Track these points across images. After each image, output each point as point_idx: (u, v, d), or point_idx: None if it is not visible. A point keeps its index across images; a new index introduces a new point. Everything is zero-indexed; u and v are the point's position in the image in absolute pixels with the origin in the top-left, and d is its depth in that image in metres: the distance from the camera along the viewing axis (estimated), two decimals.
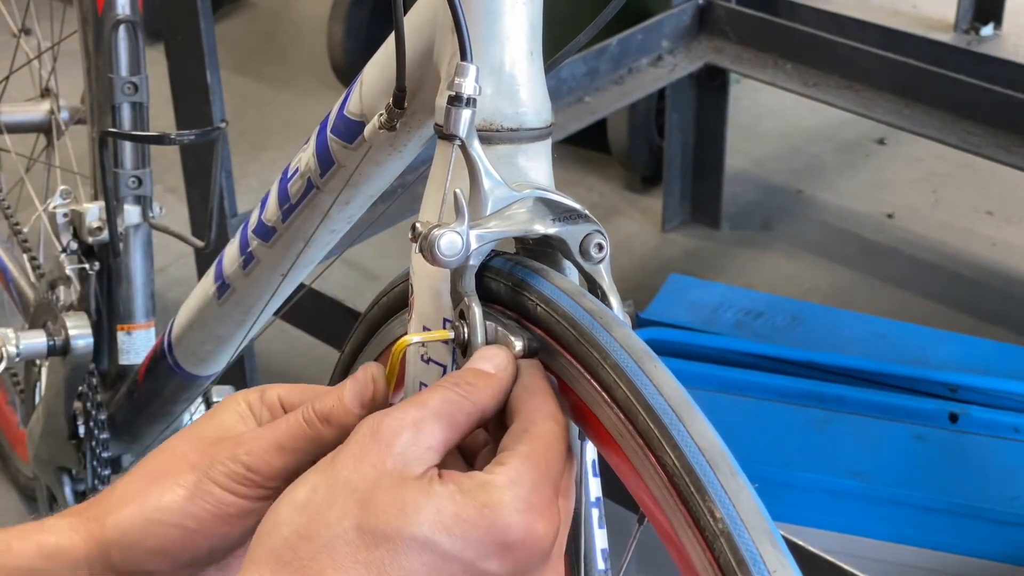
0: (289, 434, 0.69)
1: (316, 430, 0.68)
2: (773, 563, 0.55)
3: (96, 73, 1.43)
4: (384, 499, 0.59)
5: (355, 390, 0.69)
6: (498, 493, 0.59)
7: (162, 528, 0.69)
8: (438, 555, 0.58)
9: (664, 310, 2.02)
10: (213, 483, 0.68)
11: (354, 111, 0.88)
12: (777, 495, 1.69)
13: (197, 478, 0.68)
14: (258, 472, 0.68)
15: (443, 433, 0.62)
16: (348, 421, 0.68)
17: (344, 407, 0.68)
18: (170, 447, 0.71)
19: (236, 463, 0.68)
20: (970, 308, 2.46)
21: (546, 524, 0.60)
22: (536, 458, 0.61)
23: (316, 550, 0.58)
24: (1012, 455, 1.70)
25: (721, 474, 0.58)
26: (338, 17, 3.10)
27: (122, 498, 0.70)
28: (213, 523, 0.68)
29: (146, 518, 0.69)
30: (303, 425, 0.68)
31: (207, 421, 0.72)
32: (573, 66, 2.24)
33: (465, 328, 0.69)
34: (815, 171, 2.94)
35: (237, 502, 0.68)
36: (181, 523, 0.68)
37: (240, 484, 0.68)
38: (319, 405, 0.69)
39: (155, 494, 0.69)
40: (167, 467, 0.70)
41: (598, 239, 0.70)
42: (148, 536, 0.69)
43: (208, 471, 0.68)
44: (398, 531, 0.58)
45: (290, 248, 1.03)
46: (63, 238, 1.48)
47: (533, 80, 0.72)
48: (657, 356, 0.63)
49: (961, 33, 3.40)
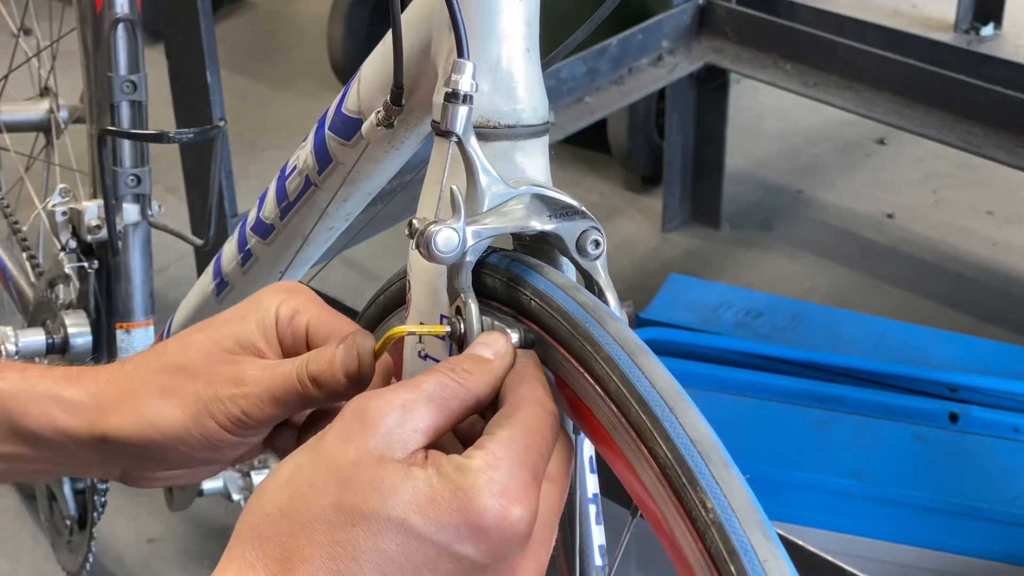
0: (283, 387, 0.72)
1: (306, 389, 0.72)
2: (764, 553, 0.55)
3: (95, 72, 1.43)
4: (363, 478, 0.59)
5: (343, 359, 0.71)
6: (473, 476, 0.59)
7: (156, 442, 0.74)
8: (412, 536, 0.58)
9: (664, 310, 2.02)
10: (211, 418, 0.73)
11: (352, 108, 0.88)
12: (777, 495, 1.69)
13: (197, 410, 0.73)
14: (252, 417, 0.72)
15: (432, 417, 0.62)
16: (335, 387, 0.71)
17: (332, 373, 0.71)
18: (189, 352, 0.75)
19: (235, 405, 0.72)
20: (970, 308, 2.46)
21: (522, 509, 0.60)
22: (516, 442, 0.61)
23: (295, 527, 0.59)
24: (1012, 455, 1.70)
25: (713, 465, 0.58)
26: (338, 17, 3.10)
27: (129, 401, 0.74)
28: (203, 449, 0.73)
29: (143, 432, 0.73)
30: (295, 382, 0.72)
31: (233, 323, 0.76)
32: (573, 66, 2.24)
33: (461, 324, 0.69)
34: (815, 171, 2.94)
35: (229, 438, 0.73)
36: (174, 445, 0.73)
37: (234, 424, 0.73)
38: (312, 366, 0.72)
39: (157, 409, 0.73)
40: (175, 383, 0.74)
41: (595, 235, 0.71)
42: (143, 445, 0.74)
43: (208, 406, 0.73)
44: (374, 511, 0.58)
45: (288, 246, 1.03)
46: (62, 236, 1.49)
47: (530, 77, 0.72)
48: (650, 349, 0.63)
49: (961, 33, 3.40)
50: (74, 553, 1.69)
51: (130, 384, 0.75)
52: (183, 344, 0.76)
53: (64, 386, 0.76)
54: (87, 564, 1.66)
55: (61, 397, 0.75)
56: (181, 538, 1.99)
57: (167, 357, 0.75)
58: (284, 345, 0.76)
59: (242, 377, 0.73)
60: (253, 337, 0.75)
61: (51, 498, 1.69)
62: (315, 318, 0.76)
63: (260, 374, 0.73)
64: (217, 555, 0.61)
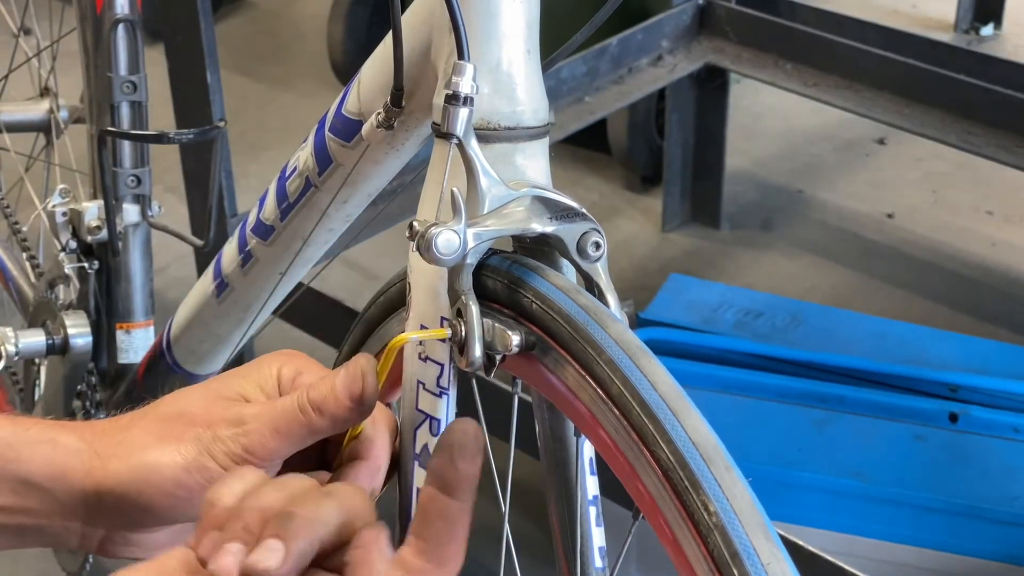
0: (285, 419, 0.70)
1: (309, 418, 0.70)
2: (767, 556, 0.55)
3: (95, 72, 1.43)
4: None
5: (346, 383, 0.70)
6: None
7: (154, 491, 0.71)
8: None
9: (664, 310, 2.02)
10: (212, 459, 0.70)
11: (352, 110, 0.88)
12: (777, 495, 1.69)
13: (197, 451, 0.71)
14: (254, 454, 0.70)
15: None
16: (339, 413, 0.70)
17: (335, 398, 0.70)
18: (186, 401, 0.73)
19: (236, 443, 0.70)
20: (970, 308, 2.46)
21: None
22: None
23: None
24: (1012, 455, 1.70)
25: (715, 468, 0.58)
26: (338, 17, 3.10)
27: (126, 448, 0.72)
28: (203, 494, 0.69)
29: (142, 478, 0.71)
30: (297, 412, 0.70)
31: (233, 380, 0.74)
32: (573, 66, 2.24)
33: (462, 326, 0.69)
34: (815, 171, 2.94)
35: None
36: (173, 491, 0.71)
37: (237, 463, 0.70)
38: (313, 393, 0.70)
39: (155, 455, 0.71)
40: (174, 428, 0.72)
41: (595, 237, 0.71)
42: (140, 494, 0.71)
43: (209, 447, 0.71)
44: None
45: (289, 247, 1.03)
46: (62, 237, 1.48)
47: (530, 79, 0.72)
48: (652, 352, 0.63)
49: (961, 33, 3.40)
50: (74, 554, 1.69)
51: (127, 435, 0.73)
52: (179, 395, 0.74)
53: (59, 432, 0.73)
54: (87, 564, 1.66)
55: (56, 441, 0.73)
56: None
57: (163, 408, 0.73)
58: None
59: (242, 416, 0.71)
60: (253, 392, 0.73)
61: None
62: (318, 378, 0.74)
63: (260, 410, 0.71)
64: None
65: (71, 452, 0.73)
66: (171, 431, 0.72)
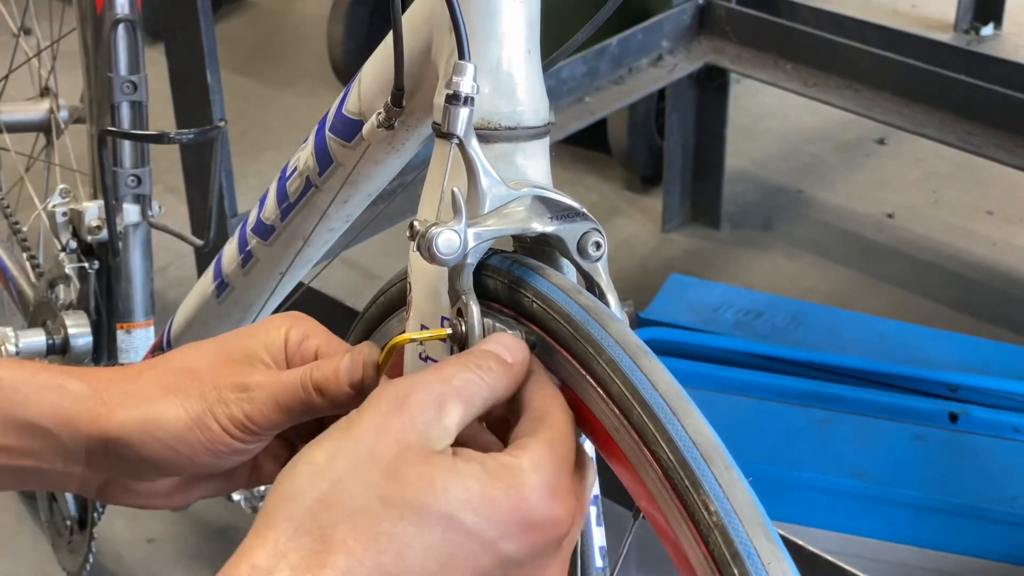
0: (287, 394, 0.72)
1: (309, 396, 0.71)
2: (767, 556, 0.55)
3: (95, 72, 1.43)
4: (411, 473, 0.59)
5: (348, 369, 0.71)
6: (524, 476, 0.60)
7: (157, 443, 0.72)
8: (462, 532, 0.59)
9: (664, 310, 2.02)
10: (214, 420, 0.72)
11: (352, 110, 0.88)
12: (777, 495, 1.69)
13: (201, 411, 0.72)
14: (254, 421, 0.72)
15: (461, 414, 0.62)
16: (338, 396, 0.71)
17: (337, 382, 0.71)
18: (196, 358, 0.75)
19: (239, 408, 0.72)
20: (970, 308, 2.46)
21: (565, 510, 0.61)
22: (556, 445, 0.62)
23: (337, 519, 0.59)
24: (1012, 455, 1.70)
25: (715, 468, 0.58)
26: (338, 17, 3.10)
27: (133, 398, 0.73)
28: (204, 453, 0.72)
29: (146, 430, 0.72)
30: (299, 389, 0.72)
31: (242, 339, 0.76)
32: (573, 66, 2.24)
33: (463, 326, 0.69)
34: (815, 171, 2.94)
35: (230, 442, 0.72)
36: (174, 445, 0.72)
37: (237, 428, 0.72)
38: (317, 374, 0.72)
39: (161, 408, 0.73)
40: (181, 383, 0.73)
41: (596, 237, 0.71)
42: (143, 445, 0.73)
43: (212, 407, 0.72)
44: (426, 506, 0.58)
45: (289, 247, 1.03)
46: (62, 237, 1.49)
47: (531, 79, 0.72)
48: (652, 352, 0.63)
49: (961, 33, 3.40)
50: (74, 553, 1.69)
51: (134, 385, 0.74)
52: (189, 350, 0.76)
53: (67, 378, 0.75)
54: (87, 564, 1.66)
55: (64, 387, 0.74)
56: (181, 538, 1.99)
57: (173, 362, 0.75)
58: (291, 367, 0.76)
59: (247, 382, 0.73)
60: (260, 354, 0.75)
61: (51, 499, 1.69)
62: (325, 343, 0.76)
63: (265, 380, 0.73)
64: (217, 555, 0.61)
65: (78, 398, 0.74)
66: (178, 385, 0.73)
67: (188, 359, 0.75)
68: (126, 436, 0.73)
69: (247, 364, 0.74)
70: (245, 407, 0.72)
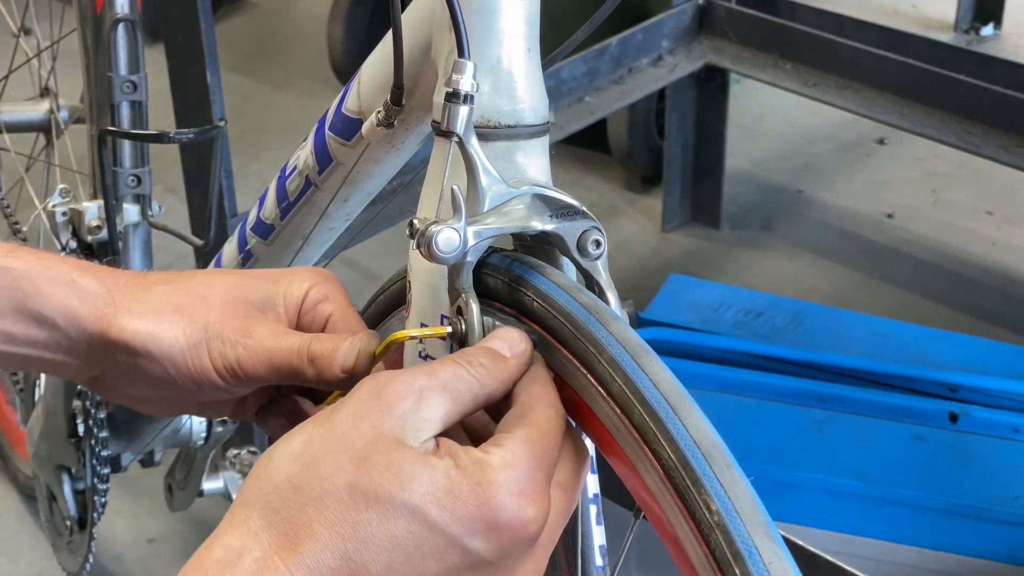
0: (282, 355, 0.73)
1: (302, 365, 0.73)
2: (769, 555, 0.55)
3: (95, 72, 1.43)
4: (380, 461, 0.59)
5: (344, 354, 0.72)
6: (493, 473, 0.59)
7: (150, 358, 0.75)
8: (425, 526, 0.58)
9: (664, 310, 2.02)
10: (207, 353, 0.74)
11: (352, 108, 0.88)
12: (777, 495, 1.69)
13: (199, 340, 0.74)
14: (244, 370, 0.73)
15: (446, 407, 0.62)
16: (329, 375, 0.72)
17: (329, 361, 0.72)
18: (213, 287, 0.76)
19: (233, 351, 0.73)
20: (970, 308, 2.46)
21: (536, 510, 0.60)
22: (533, 443, 0.62)
23: (305, 501, 0.59)
24: (1012, 455, 1.70)
25: (717, 467, 0.58)
26: (338, 17, 3.10)
27: (141, 306, 0.75)
28: (189, 380, 0.74)
29: (143, 343, 0.74)
30: (295, 355, 0.73)
31: (265, 282, 0.77)
32: (573, 66, 2.24)
33: (462, 324, 0.69)
34: (815, 171, 2.94)
35: (215, 380, 0.74)
36: (165, 364, 0.75)
37: (225, 369, 0.73)
38: (315, 347, 0.73)
39: (163, 326, 0.74)
40: (191, 306, 0.75)
41: (595, 235, 0.70)
42: (137, 356, 0.75)
43: (210, 340, 0.74)
44: (391, 495, 0.58)
45: (288, 246, 1.03)
46: (62, 237, 1.48)
47: (531, 77, 0.72)
48: (653, 351, 0.63)
49: (961, 33, 3.40)
50: (74, 553, 1.69)
51: (147, 294, 0.76)
52: (210, 276, 0.77)
53: (80, 274, 0.76)
54: (87, 564, 1.66)
55: (76, 283, 0.75)
56: (181, 538, 1.99)
57: (190, 284, 0.76)
58: (301, 324, 0.77)
59: (250, 330, 0.74)
60: (276, 302, 0.76)
61: (51, 499, 1.69)
62: (340, 312, 0.77)
63: (266, 333, 0.74)
64: None
65: (88, 295, 0.76)
66: (188, 307, 0.75)
67: (206, 285, 0.76)
68: (124, 343, 0.74)
69: (260, 309, 0.75)
70: (240, 351, 0.73)
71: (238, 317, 0.74)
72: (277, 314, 0.76)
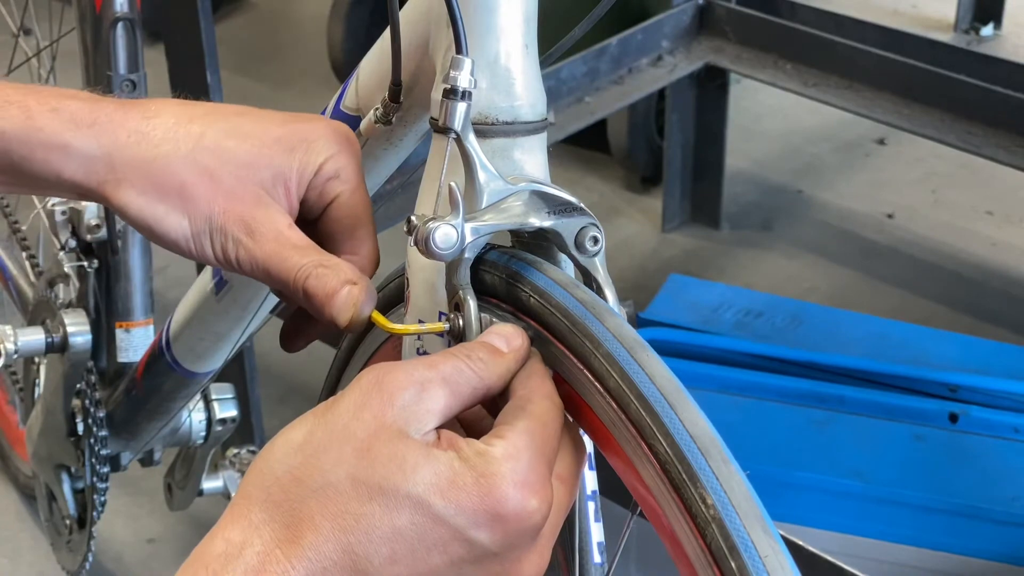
0: (278, 270, 0.72)
1: (296, 290, 0.72)
2: (764, 548, 0.55)
3: (94, 71, 1.43)
4: (383, 452, 0.59)
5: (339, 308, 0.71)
6: (496, 464, 0.59)
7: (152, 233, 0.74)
8: (429, 517, 0.58)
9: (664, 310, 2.02)
10: (209, 244, 0.73)
11: (350, 106, 0.88)
12: (777, 495, 1.69)
13: (201, 230, 0.73)
14: (241, 267, 0.73)
15: (446, 399, 0.62)
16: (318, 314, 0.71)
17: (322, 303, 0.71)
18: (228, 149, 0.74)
19: (232, 249, 0.73)
20: (970, 308, 2.46)
21: (539, 501, 0.60)
22: (533, 435, 0.62)
23: (307, 494, 0.58)
24: (1012, 455, 1.70)
25: (713, 461, 0.58)
26: (338, 17, 3.10)
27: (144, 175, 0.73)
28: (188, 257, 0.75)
29: (144, 221, 0.74)
30: (292, 275, 0.72)
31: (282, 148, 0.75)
32: (573, 66, 2.24)
33: (460, 320, 0.69)
34: (815, 171, 2.94)
35: (215, 264, 0.74)
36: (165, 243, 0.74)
37: (227, 263, 0.74)
38: (312, 282, 0.71)
39: (167, 209, 0.73)
40: (198, 188, 0.73)
41: (593, 232, 0.71)
42: (137, 227, 0.74)
43: (212, 233, 0.73)
44: (394, 487, 0.58)
45: None
46: (62, 236, 1.48)
47: (528, 74, 0.72)
48: (649, 346, 0.63)
49: (961, 33, 3.40)
50: (74, 553, 1.69)
51: (152, 155, 0.73)
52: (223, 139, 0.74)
53: (74, 133, 0.73)
54: (87, 564, 1.66)
55: (70, 147, 0.73)
56: (181, 538, 1.99)
57: (200, 149, 0.73)
58: (308, 198, 0.75)
59: (255, 230, 0.73)
60: (287, 175, 0.74)
61: (51, 498, 1.69)
62: (347, 196, 0.76)
63: (271, 237, 0.73)
64: None
65: (84, 162, 0.73)
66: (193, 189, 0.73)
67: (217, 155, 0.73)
68: (124, 212, 0.73)
69: (271, 185, 0.74)
70: (240, 251, 0.73)
71: (245, 203, 0.73)
72: (287, 189, 0.74)
